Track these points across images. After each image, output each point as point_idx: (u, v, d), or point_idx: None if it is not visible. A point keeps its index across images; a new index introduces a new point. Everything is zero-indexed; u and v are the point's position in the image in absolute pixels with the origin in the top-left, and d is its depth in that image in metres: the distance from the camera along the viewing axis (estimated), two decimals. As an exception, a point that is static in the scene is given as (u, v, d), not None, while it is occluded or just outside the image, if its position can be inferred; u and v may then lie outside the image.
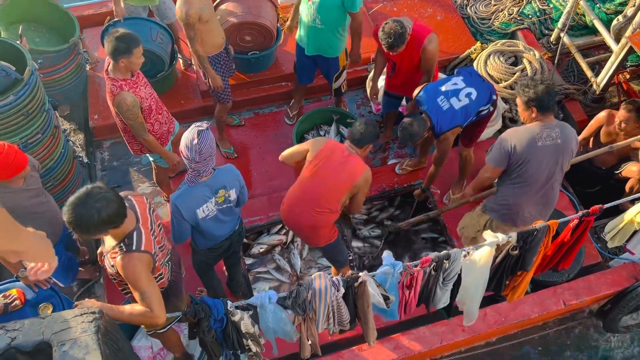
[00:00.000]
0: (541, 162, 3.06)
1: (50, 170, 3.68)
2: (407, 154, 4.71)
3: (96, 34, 4.96)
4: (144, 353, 3.25)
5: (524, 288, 3.14)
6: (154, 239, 2.42)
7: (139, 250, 2.28)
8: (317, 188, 3.19)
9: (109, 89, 3.19)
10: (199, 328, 2.37)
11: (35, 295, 3.07)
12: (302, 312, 2.48)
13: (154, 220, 2.51)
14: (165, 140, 3.59)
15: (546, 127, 3.03)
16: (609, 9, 5.15)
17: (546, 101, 2.98)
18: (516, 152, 3.05)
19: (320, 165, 3.18)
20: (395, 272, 2.60)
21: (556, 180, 3.18)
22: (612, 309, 3.82)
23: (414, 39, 3.64)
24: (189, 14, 3.49)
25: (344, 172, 3.15)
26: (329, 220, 3.31)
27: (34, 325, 2.00)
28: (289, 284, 4.07)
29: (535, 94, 2.97)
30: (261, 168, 4.59)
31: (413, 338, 3.50)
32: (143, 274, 2.28)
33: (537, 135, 3.02)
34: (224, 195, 2.89)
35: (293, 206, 3.32)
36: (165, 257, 2.57)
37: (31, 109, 3.35)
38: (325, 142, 3.26)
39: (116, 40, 3.02)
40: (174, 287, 2.70)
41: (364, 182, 3.19)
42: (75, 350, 1.92)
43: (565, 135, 3.06)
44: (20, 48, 3.40)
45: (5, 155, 2.76)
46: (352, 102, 5.05)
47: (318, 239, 3.43)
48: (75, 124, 4.71)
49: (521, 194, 3.17)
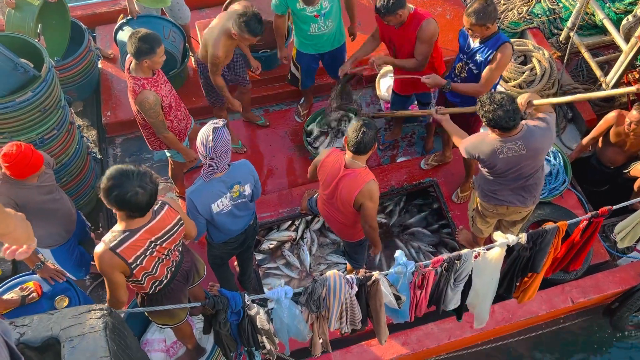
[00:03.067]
0: (508, 169, 3.07)
1: (65, 165, 3.74)
2: (416, 151, 4.74)
3: (108, 32, 5.02)
4: (157, 346, 3.30)
5: (534, 290, 3.14)
6: (147, 252, 2.42)
7: (114, 251, 2.33)
8: (334, 204, 3.24)
9: (131, 87, 3.24)
10: (215, 320, 2.41)
11: (51, 288, 3.14)
12: (316, 309, 2.51)
13: (168, 239, 2.49)
14: (183, 136, 3.65)
15: (507, 141, 2.99)
16: (618, 8, 5.15)
17: (505, 123, 2.90)
18: (480, 161, 3.12)
19: (322, 186, 3.25)
20: (407, 271, 2.62)
21: (533, 177, 3.18)
22: (619, 307, 3.85)
23: (413, 18, 3.59)
24: (218, 55, 3.66)
25: (340, 194, 3.10)
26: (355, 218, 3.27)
27: (42, 321, 2.01)
28: (298, 280, 4.13)
29: (493, 118, 2.91)
30: (271, 165, 4.63)
31: (421, 334, 3.55)
32: (106, 269, 2.37)
33: (497, 149, 3.01)
34: (239, 191, 2.94)
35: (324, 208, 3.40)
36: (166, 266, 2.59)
37: (48, 105, 3.40)
38: (327, 154, 3.18)
39: (139, 41, 3.06)
40: (170, 293, 2.73)
41: (361, 197, 3.00)
42: (83, 346, 1.95)
43: (530, 144, 2.99)
44: (38, 45, 3.45)
45: (23, 155, 2.80)
46: (362, 101, 5.06)
47: (351, 235, 3.44)
48: (88, 121, 4.76)
49: (494, 184, 3.24)
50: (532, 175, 3.17)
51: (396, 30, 3.69)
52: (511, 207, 3.30)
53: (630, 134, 3.91)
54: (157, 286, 2.63)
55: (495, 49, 3.35)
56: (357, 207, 3.10)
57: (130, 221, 2.35)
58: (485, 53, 3.40)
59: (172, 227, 2.51)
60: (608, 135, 4.10)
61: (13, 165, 2.80)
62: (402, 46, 3.78)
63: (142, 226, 2.39)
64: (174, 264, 2.67)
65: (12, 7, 4.08)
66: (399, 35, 3.69)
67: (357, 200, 3.04)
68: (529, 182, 3.20)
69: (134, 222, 2.36)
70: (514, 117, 2.90)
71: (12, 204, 2.92)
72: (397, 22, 3.58)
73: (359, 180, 3.00)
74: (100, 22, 5.24)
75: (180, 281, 2.77)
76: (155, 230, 2.44)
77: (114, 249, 2.33)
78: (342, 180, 3.05)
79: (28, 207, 2.99)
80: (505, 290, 3.07)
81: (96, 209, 4.26)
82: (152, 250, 2.44)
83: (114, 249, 2.33)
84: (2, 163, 2.81)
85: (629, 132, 3.91)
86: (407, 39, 3.69)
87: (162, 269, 2.58)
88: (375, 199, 3.05)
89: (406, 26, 3.61)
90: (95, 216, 4.22)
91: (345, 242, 3.63)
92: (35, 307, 3.04)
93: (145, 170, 2.31)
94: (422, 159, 4.43)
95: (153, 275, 2.55)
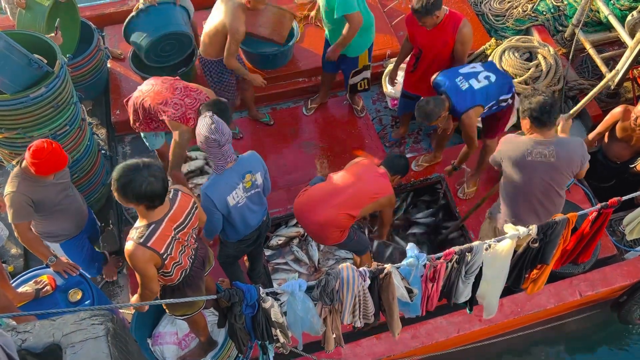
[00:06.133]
0: (532, 176, 3.03)
1: (77, 161, 3.77)
2: (422, 148, 4.77)
3: (117, 32, 5.07)
4: (170, 339, 3.32)
5: (543, 281, 3.14)
6: (174, 241, 2.48)
7: (145, 245, 2.37)
8: (347, 188, 3.31)
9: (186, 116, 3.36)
10: (230, 313, 2.44)
11: (65, 282, 3.18)
12: (330, 301, 2.52)
13: (188, 222, 2.56)
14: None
15: (540, 143, 2.95)
16: (623, 5, 5.18)
17: (540, 114, 2.87)
18: (505, 162, 3.09)
19: (355, 171, 3.37)
20: (419, 264, 2.64)
21: (555, 194, 3.12)
22: (627, 301, 3.87)
23: (449, 19, 3.59)
24: (241, 31, 3.70)
25: (375, 184, 3.34)
26: (343, 225, 3.37)
27: (44, 327, 2.01)
28: (306, 275, 4.15)
29: (529, 104, 2.88)
30: (279, 162, 4.66)
31: (430, 327, 3.57)
32: (139, 265, 2.41)
33: (527, 150, 2.97)
34: (251, 180, 2.99)
35: (309, 200, 3.41)
36: (187, 255, 2.64)
37: (60, 101, 3.43)
38: (365, 161, 3.56)
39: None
40: (191, 281, 2.76)
41: (387, 202, 3.41)
42: (85, 352, 1.94)
43: (562, 154, 2.94)
44: (50, 42, 3.49)
45: (53, 152, 2.83)
46: (368, 98, 5.10)
47: (325, 239, 3.49)
48: (97, 119, 4.80)
49: (515, 201, 3.18)
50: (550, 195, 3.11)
51: (427, 32, 3.68)
52: None
53: (637, 129, 3.93)
54: (183, 275, 2.67)
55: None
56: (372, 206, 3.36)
57: (152, 213, 2.38)
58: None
59: (190, 210, 2.56)
60: (614, 130, 4.13)
61: (42, 162, 2.82)
62: (431, 48, 3.78)
63: (165, 215, 2.43)
64: (192, 252, 2.71)
65: (23, 8, 4.12)
66: (430, 37, 3.69)
67: (381, 202, 3.37)
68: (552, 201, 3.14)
69: (155, 213, 2.39)
70: (554, 111, 2.91)
71: (30, 202, 2.96)
72: (433, 23, 3.57)
73: (390, 187, 3.41)
74: (108, 23, 5.28)
75: (199, 267, 2.82)
76: (177, 216, 2.48)
77: (145, 243, 2.37)
78: (381, 178, 3.37)
79: (44, 204, 3.03)
80: (514, 281, 3.09)
81: (106, 206, 4.29)
82: (177, 236, 2.48)
83: (144, 243, 2.37)
84: (31, 159, 2.83)
85: (635, 127, 3.93)
86: (441, 40, 3.69)
87: (185, 258, 2.62)
88: (392, 209, 3.60)
89: (440, 28, 3.61)
90: (105, 213, 4.25)
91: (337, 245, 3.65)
92: (49, 300, 3.08)
93: (149, 160, 2.35)
94: (413, 161, 4.44)
95: (180, 265, 2.58)
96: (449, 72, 3.57)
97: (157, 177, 2.30)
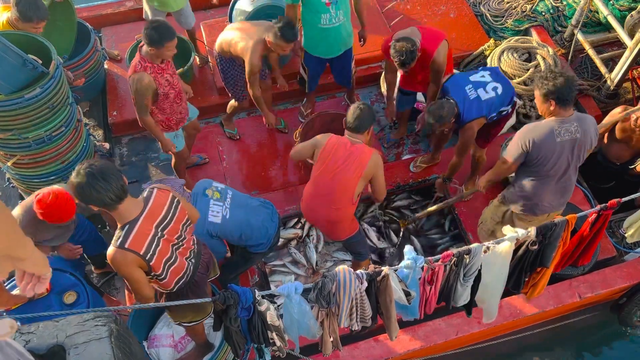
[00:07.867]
0: (560, 157, 3.06)
1: (73, 163, 3.75)
2: (421, 149, 4.75)
3: (114, 33, 5.05)
4: (166, 341, 3.30)
5: (543, 285, 3.12)
6: (158, 239, 2.42)
7: (123, 247, 2.32)
8: (330, 185, 3.23)
9: (134, 62, 3.33)
10: (226, 316, 2.41)
11: (60, 284, 3.15)
12: (326, 304, 2.49)
13: (173, 218, 2.50)
14: (175, 127, 3.73)
15: (565, 122, 3.01)
16: (622, 5, 5.16)
17: (566, 94, 2.93)
18: (534, 149, 3.04)
19: (328, 163, 3.22)
20: (417, 266, 2.62)
21: (574, 170, 3.19)
22: (627, 303, 3.84)
23: (423, 53, 3.69)
24: (258, 64, 3.81)
25: (351, 164, 3.17)
26: (349, 213, 3.36)
27: (48, 328, 2.01)
28: (304, 277, 4.13)
29: (554, 86, 2.92)
30: (276, 163, 4.64)
31: (429, 330, 3.54)
32: (122, 269, 2.37)
33: (555, 131, 2.99)
34: (213, 191, 3.13)
35: (310, 203, 3.39)
36: (184, 256, 2.60)
37: (56, 102, 3.42)
38: (329, 137, 3.27)
39: (152, 29, 3.18)
40: (195, 287, 2.73)
41: (373, 166, 3.20)
42: (88, 354, 1.94)
43: (584, 128, 3.04)
44: (45, 42, 3.47)
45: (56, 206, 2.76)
46: (366, 98, 5.08)
47: (339, 233, 3.48)
48: (94, 121, 4.78)
49: (540, 186, 3.19)
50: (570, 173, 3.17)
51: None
52: (552, 213, 3.30)
53: (636, 130, 3.91)
54: (182, 281, 2.62)
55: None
56: (362, 181, 3.20)
57: (123, 214, 2.33)
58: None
59: (169, 205, 2.50)
60: (614, 131, 4.11)
61: (44, 214, 2.79)
62: (413, 74, 3.94)
63: (139, 215, 2.37)
64: (191, 254, 2.66)
65: None
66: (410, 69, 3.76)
67: (367, 171, 3.18)
68: (571, 179, 3.21)
69: (127, 214, 2.34)
70: (574, 89, 2.96)
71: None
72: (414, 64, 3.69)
73: (367, 151, 3.18)
74: (106, 24, 5.27)
75: (203, 273, 2.78)
76: (155, 213, 2.42)
77: (122, 245, 2.33)
78: (351, 156, 3.16)
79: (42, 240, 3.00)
80: (513, 285, 3.06)
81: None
82: (161, 233, 2.43)
83: (121, 245, 2.33)
84: (36, 209, 2.79)
85: (634, 128, 3.91)
86: (419, 69, 3.83)
87: (182, 259, 2.58)
88: (381, 168, 3.29)
89: (417, 61, 3.68)
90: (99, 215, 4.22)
91: (342, 241, 3.65)
92: (44, 302, 3.05)
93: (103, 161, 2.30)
94: (411, 162, 4.43)
95: (175, 266, 2.54)
96: (459, 78, 3.58)
97: (118, 177, 2.24)
